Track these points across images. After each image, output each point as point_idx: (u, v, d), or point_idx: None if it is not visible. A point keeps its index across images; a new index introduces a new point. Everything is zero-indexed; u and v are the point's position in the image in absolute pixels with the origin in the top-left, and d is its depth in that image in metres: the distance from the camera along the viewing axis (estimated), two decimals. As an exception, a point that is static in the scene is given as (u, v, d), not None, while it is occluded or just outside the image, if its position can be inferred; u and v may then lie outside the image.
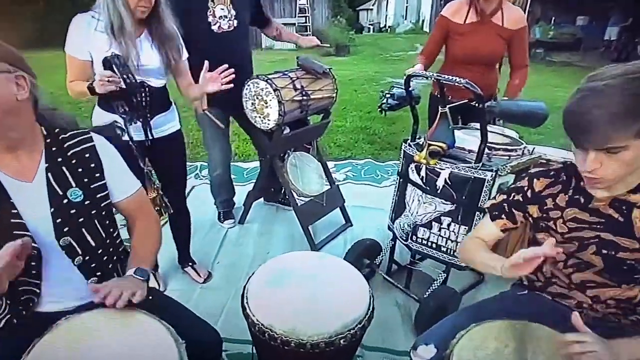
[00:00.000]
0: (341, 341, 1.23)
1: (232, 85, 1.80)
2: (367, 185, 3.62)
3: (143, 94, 1.67)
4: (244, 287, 1.42)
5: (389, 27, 26.26)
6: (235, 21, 2.31)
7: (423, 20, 22.07)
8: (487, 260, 1.16)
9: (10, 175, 1.08)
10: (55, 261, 1.13)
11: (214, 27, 2.25)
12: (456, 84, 1.59)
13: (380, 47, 16.21)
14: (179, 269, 2.33)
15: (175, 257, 2.30)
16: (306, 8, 15.03)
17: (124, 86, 1.55)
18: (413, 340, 1.88)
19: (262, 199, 3.12)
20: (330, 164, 3.26)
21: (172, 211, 1.95)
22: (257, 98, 2.24)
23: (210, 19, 2.23)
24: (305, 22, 15.21)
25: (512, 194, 1.23)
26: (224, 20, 2.27)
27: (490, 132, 1.92)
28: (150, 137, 1.76)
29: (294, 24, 14.88)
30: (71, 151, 1.17)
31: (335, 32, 14.36)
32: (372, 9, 29.83)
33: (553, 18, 12.99)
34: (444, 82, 1.67)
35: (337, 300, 1.34)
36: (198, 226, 2.27)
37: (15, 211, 1.06)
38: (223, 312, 2.07)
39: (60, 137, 1.17)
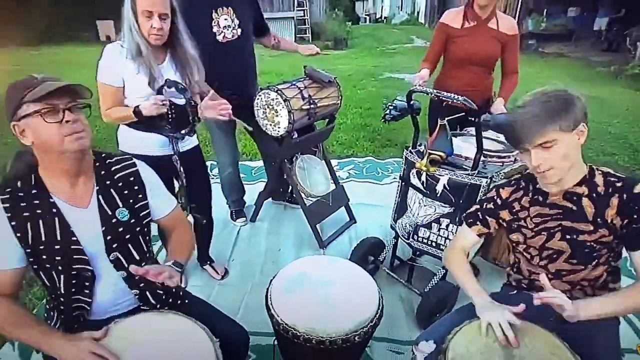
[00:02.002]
0: (356, 338, 1.38)
1: (227, 115, 1.92)
2: (369, 183, 3.78)
3: (172, 113, 1.82)
4: (267, 290, 1.57)
5: (385, 17, 26.23)
6: (239, 30, 2.42)
7: (418, 12, 22.08)
8: (466, 285, 1.38)
9: (67, 202, 1.20)
10: (105, 275, 1.27)
11: (219, 37, 2.36)
12: (454, 101, 1.75)
13: (377, 38, 16.25)
14: (198, 266, 2.49)
15: (194, 255, 2.45)
16: (304, 1, 14.95)
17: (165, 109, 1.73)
18: (415, 331, 2.07)
19: (270, 198, 3.27)
20: (333, 162, 3.38)
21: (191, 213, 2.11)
22: (268, 107, 2.39)
23: (215, 29, 2.34)
24: (304, 16, 15.15)
25: (484, 204, 1.46)
26: (228, 29, 2.38)
27: (485, 137, 2.08)
28: (178, 151, 1.92)
29: (292, 18, 14.86)
30: (118, 175, 1.29)
31: (334, 25, 14.37)
32: (367, 0, 29.72)
33: (545, 10, 13.06)
34: (444, 98, 1.82)
35: (351, 301, 1.49)
36: (212, 225, 2.43)
37: (75, 238, 1.19)
38: (241, 307, 2.23)
39: (107, 162, 1.30)
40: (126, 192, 1.30)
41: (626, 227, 1.21)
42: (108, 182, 1.27)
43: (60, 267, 1.19)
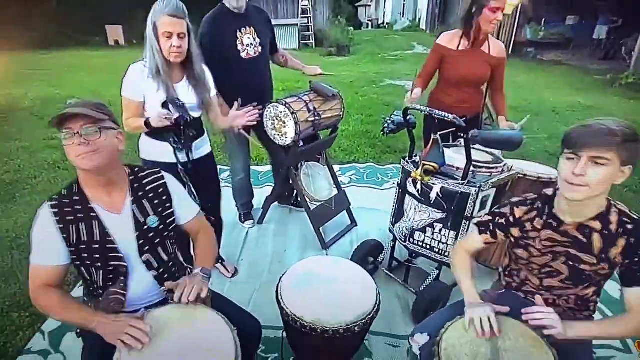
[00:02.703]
0: (355, 328, 1.55)
1: (255, 122, 2.18)
2: (370, 188, 3.95)
3: (186, 125, 2.02)
4: (277, 286, 1.74)
5: (387, 23, 26.46)
6: (260, 47, 2.64)
7: (420, 19, 22.29)
8: (462, 282, 1.50)
9: (105, 208, 1.39)
10: (137, 273, 1.45)
11: (243, 54, 2.58)
12: (445, 118, 1.94)
13: (378, 44, 16.46)
14: (210, 264, 2.68)
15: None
16: (308, 9, 15.28)
17: (173, 122, 1.92)
18: (411, 326, 2.25)
19: (276, 202, 3.45)
20: (335, 168, 3.53)
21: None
22: (276, 119, 2.59)
23: (239, 47, 2.56)
24: (307, 23, 15.49)
25: (497, 218, 1.51)
26: (250, 47, 2.60)
27: (476, 149, 2.26)
28: (191, 159, 2.11)
29: (297, 25, 15.13)
30: (149, 186, 1.47)
31: (337, 32, 14.58)
32: (370, 5, 29.96)
33: (544, 19, 13.21)
34: (436, 116, 2.01)
35: (351, 297, 1.66)
36: (222, 226, 2.60)
37: (110, 238, 1.38)
38: (250, 303, 2.39)
39: (139, 175, 1.47)
40: (156, 201, 1.48)
41: (626, 265, 1.27)
42: (140, 193, 1.45)
43: (98, 264, 1.38)
